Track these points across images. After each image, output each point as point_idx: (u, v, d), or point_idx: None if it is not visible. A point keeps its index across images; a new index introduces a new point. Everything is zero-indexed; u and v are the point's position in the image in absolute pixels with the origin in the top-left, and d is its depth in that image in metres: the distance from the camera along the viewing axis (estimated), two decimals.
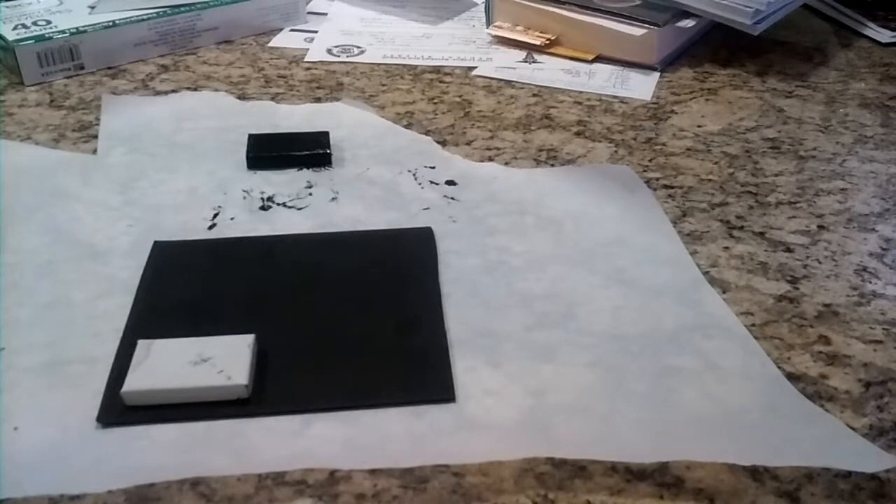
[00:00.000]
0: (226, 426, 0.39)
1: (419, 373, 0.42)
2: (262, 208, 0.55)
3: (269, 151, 0.60)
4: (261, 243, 0.51)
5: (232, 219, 0.54)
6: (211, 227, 0.53)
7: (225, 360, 0.40)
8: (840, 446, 0.38)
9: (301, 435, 0.38)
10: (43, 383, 0.41)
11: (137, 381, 0.39)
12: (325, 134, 0.62)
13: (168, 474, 0.36)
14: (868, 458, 0.37)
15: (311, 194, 0.57)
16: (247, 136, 0.61)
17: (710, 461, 0.37)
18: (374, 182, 0.58)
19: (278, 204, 0.55)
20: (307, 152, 0.60)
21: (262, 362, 0.42)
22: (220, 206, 0.55)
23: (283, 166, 0.59)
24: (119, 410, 0.39)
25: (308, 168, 0.60)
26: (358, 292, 0.47)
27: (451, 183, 0.58)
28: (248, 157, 0.60)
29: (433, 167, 0.60)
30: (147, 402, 0.39)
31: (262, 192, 0.57)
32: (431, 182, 0.58)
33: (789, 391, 0.41)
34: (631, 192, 0.57)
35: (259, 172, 0.59)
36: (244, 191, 0.57)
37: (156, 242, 0.51)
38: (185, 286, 0.47)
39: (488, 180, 0.58)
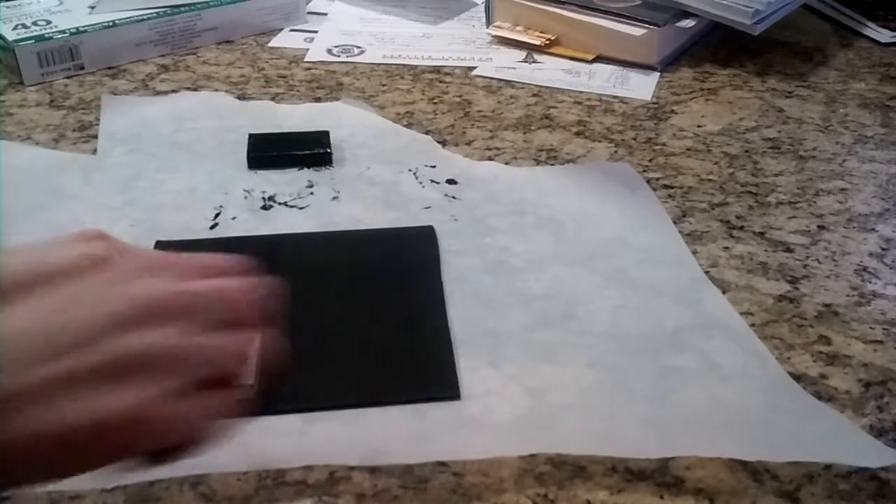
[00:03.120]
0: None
1: (424, 371, 0.42)
2: (264, 208, 0.55)
3: (269, 151, 0.60)
4: (262, 243, 0.51)
5: (233, 218, 0.54)
6: (213, 227, 0.53)
7: None
8: (843, 442, 0.38)
9: (304, 433, 0.38)
10: None
11: None
12: (326, 133, 0.62)
13: (170, 471, 0.36)
14: (871, 454, 0.37)
15: (312, 194, 0.57)
16: (247, 136, 0.61)
17: (712, 457, 0.37)
18: (374, 181, 0.58)
19: (280, 203, 0.55)
20: (308, 152, 0.60)
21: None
22: (221, 206, 0.55)
23: (283, 166, 0.59)
24: None
25: (309, 168, 0.60)
26: (360, 291, 0.47)
27: (451, 182, 0.58)
28: (248, 157, 0.60)
29: (434, 166, 0.60)
30: None
31: (264, 192, 0.57)
32: (432, 181, 0.58)
33: (791, 387, 0.41)
34: (632, 192, 0.57)
35: (260, 172, 0.59)
36: (245, 190, 0.57)
37: (158, 242, 0.51)
38: None
39: (489, 179, 0.58)
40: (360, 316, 0.45)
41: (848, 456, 0.37)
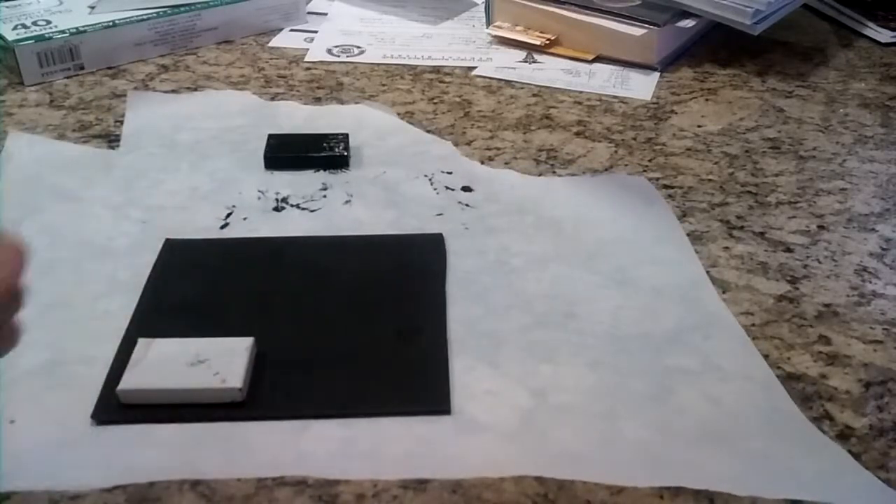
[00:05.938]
0: (221, 428, 0.39)
1: (417, 383, 0.41)
2: (276, 209, 0.55)
3: (287, 152, 0.60)
4: (270, 245, 0.51)
5: (245, 219, 0.54)
6: (223, 227, 0.53)
7: (221, 362, 0.40)
8: (841, 479, 0.37)
9: (295, 440, 0.38)
10: (42, 383, 0.41)
11: (134, 380, 0.39)
12: (346, 136, 0.61)
13: (163, 475, 0.36)
14: (867, 493, 0.36)
15: (325, 196, 0.56)
16: (266, 136, 0.61)
17: (704, 489, 0.36)
18: (389, 186, 0.57)
19: (292, 205, 0.55)
20: (325, 154, 0.60)
21: (260, 365, 0.42)
22: (234, 206, 0.55)
23: (300, 167, 0.59)
24: (115, 408, 0.39)
25: (325, 170, 0.59)
26: (362, 298, 0.47)
27: (466, 189, 0.57)
28: (265, 157, 0.59)
29: (450, 172, 0.59)
30: (142, 401, 0.39)
31: (278, 193, 0.56)
32: (447, 188, 0.57)
33: (791, 408, 0.40)
34: (648, 205, 0.56)
35: (276, 173, 0.59)
36: (259, 191, 0.57)
37: (167, 240, 0.51)
38: (192, 285, 0.47)
39: (505, 188, 0.57)
40: (360, 323, 0.45)
41: (845, 497, 0.36)
